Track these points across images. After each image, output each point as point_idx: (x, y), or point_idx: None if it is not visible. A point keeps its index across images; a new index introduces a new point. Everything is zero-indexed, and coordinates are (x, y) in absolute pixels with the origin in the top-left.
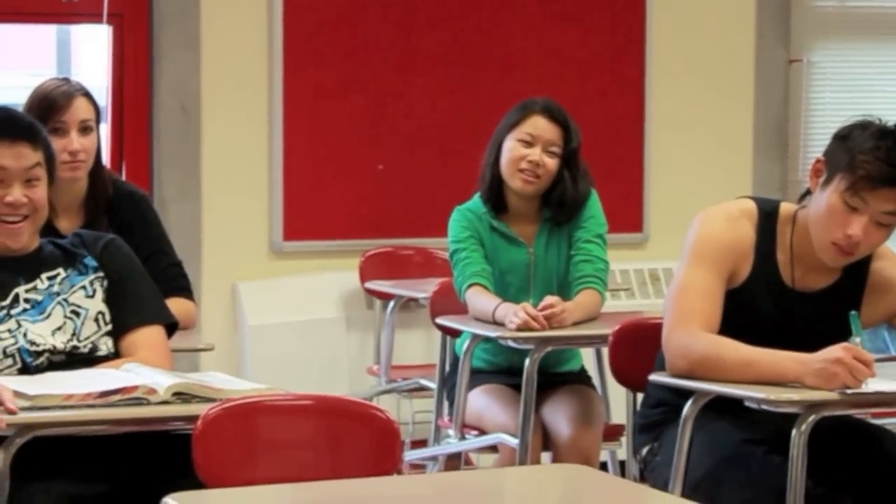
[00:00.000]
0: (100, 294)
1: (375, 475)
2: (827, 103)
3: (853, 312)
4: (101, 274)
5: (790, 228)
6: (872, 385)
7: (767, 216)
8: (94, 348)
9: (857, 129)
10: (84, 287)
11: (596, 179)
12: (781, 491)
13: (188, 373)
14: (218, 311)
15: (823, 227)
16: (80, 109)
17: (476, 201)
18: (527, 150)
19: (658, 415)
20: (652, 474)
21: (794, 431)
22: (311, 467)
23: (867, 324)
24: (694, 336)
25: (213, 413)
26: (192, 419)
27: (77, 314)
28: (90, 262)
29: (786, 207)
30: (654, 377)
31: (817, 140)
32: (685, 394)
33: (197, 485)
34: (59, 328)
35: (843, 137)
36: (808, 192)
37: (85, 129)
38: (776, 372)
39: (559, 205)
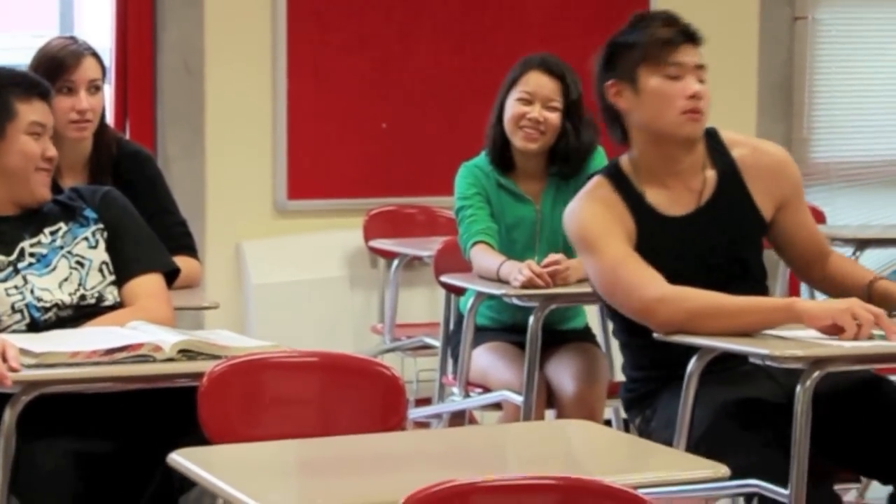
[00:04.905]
0: (102, 244)
1: (380, 431)
2: (832, 61)
3: None
4: (101, 225)
5: (638, 169)
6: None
7: (614, 174)
8: (101, 298)
9: (621, 34)
10: (87, 238)
11: (600, 139)
12: (785, 449)
13: (193, 330)
14: (222, 269)
15: (666, 107)
16: (89, 69)
17: (483, 158)
18: (526, 107)
19: (638, 388)
20: (650, 440)
21: (798, 387)
22: (316, 424)
23: (769, 217)
24: (676, 290)
25: (219, 370)
26: (198, 376)
27: (81, 265)
28: (90, 213)
29: (623, 158)
30: (658, 337)
31: (822, 98)
32: (660, 365)
33: (202, 441)
34: (66, 279)
35: (619, 44)
36: (624, 138)
37: (93, 88)
38: (779, 308)
39: (564, 157)
